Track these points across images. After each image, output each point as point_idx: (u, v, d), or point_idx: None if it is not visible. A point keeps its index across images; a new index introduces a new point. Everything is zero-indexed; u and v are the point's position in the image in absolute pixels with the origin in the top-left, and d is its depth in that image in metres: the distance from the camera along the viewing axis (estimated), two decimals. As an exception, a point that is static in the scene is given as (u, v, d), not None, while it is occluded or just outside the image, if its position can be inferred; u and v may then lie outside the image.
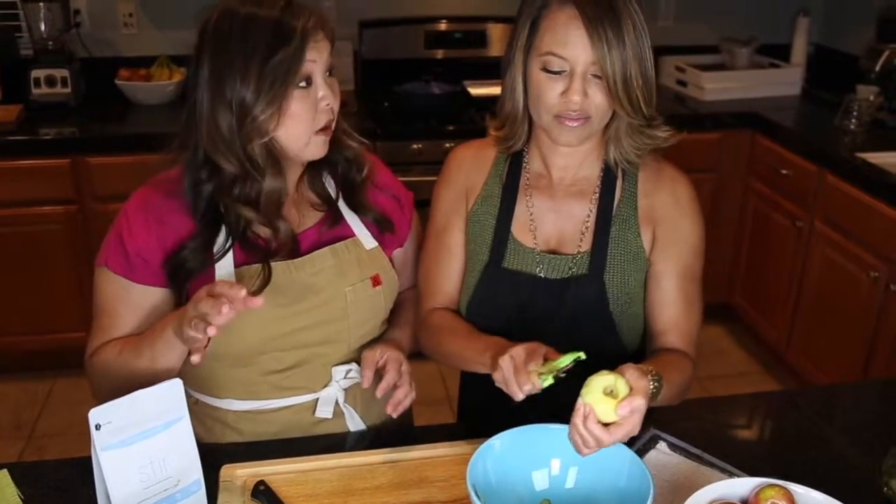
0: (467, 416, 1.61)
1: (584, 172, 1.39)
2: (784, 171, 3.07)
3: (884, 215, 2.57)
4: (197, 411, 1.37)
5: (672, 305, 1.37)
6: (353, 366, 1.40)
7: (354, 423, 1.44)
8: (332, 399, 1.40)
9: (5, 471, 1.25)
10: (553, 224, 1.40)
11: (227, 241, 1.29)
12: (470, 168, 1.46)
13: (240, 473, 1.25)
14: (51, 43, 3.16)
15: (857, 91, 3.11)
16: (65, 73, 3.11)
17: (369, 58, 3.47)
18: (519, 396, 1.14)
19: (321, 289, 1.34)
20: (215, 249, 1.29)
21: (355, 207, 1.41)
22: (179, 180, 1.29)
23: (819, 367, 2.97)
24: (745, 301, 3.45)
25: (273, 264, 1.30)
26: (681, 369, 1.31)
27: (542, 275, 1.38)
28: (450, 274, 1.45)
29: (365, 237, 1.41)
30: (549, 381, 1.12)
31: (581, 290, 1.36)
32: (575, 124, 1.27)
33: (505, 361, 1.15)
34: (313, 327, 1.34)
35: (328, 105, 1.27)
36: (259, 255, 1.30)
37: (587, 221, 1.38)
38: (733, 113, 3.29)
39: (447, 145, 2.97)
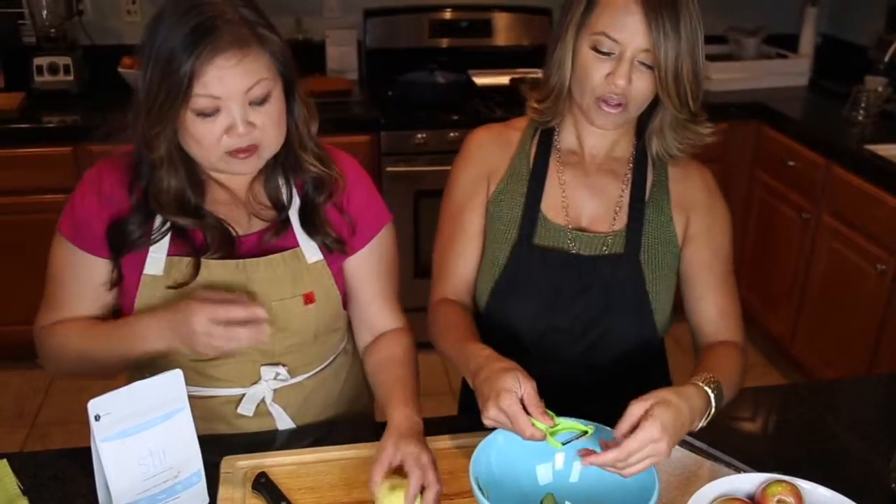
0: (471, 408, 1.60)
1: (616, 152, 1.40)
2: (791, 163, 3.04)
3: (891, 208, 2.55)
4: None
5: (717, 293, 1.39)
6: (281, 368, 1.36)
7: (283, 422, 1.39)
8: (257, 397, 1.36)
9: (5, 461, 1.24)
10: (586, 201, 1.39)
11: (163, 224, 1.28)
12: (491, 150, 1.43)
13: (240, 465, 1.25)
14: (53, 30, 3.14)
15: (866, 82, 3.08)
16: (67, 60, 3.09)
17: (373, 47, 3.45)
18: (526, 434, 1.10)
19: (251, 295, 1.29)
20: (153, 230, 1.28)
21: (307, 227, 1.34)
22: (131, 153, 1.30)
23: (824, 360, 2.95)
24: (750, 293, 3.43)
25: (208, 261, 1.28)
26: (732, 364, 1.31)
27: (574, 251, 1.37)
28: (466, 257, 1.43)
29: (309, 249, 1.34)
30: (554, 441, 1.11)
31: (618, 268, 1.35)
32: (613, 111, 1.27)
33: (500, 416, 1.11)
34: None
35: (241, 134, 1.18)
36: (190, 248, 1.28)
37: (620, 201, 1.38)
38: (740, 103, 3.26)
39: (451, 135, 2.95)
